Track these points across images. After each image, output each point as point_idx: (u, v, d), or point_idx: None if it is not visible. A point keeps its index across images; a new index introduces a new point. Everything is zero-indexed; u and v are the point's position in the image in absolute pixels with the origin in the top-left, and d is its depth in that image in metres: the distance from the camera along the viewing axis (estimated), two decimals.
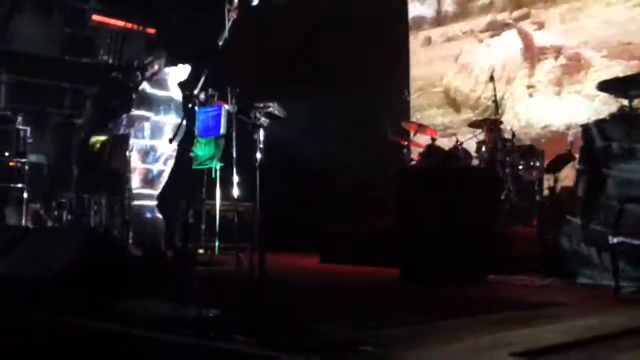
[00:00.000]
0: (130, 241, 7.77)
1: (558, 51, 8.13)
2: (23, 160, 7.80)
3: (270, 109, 4.43)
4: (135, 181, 7.78)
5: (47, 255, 3.97)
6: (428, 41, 9.63)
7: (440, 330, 2.36)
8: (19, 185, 7.57)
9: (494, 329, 2.34)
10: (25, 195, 7.60)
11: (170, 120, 7.71)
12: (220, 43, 4.83)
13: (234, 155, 5.97)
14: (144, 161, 7.97)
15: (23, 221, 7.05)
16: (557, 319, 2.76)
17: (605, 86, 5.88)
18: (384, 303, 3.81)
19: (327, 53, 9.62)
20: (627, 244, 4.37)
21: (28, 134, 7.91)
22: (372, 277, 5.72)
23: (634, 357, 2.11)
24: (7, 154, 8.12)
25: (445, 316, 2.75)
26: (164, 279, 4.83)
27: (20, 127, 7.85)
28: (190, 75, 7.21)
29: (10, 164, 7.94)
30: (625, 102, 5.37)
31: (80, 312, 2.64)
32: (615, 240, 4.33)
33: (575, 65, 7.96)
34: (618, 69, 7.40)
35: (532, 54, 8.41)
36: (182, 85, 6.70)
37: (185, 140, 4.93)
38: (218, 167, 6.68)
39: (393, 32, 9.67)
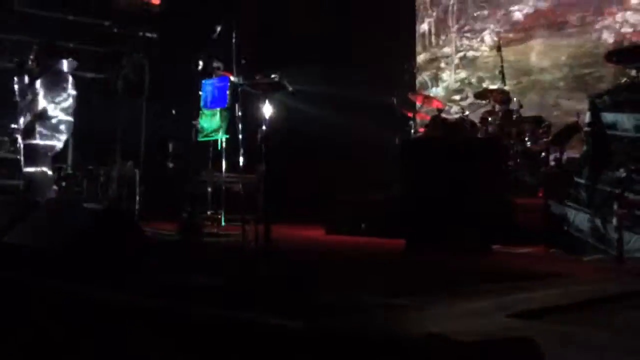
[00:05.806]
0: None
1: None
2: None
3: (277, 81, 4.42)
4: None
5: (56, 227, 4.01)
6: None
7: (439, 297, 2.39)
8: None
9: (492, 295, 2.37)
10: None
11: None
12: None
13: (240, 127, 5.98)
14: None
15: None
16: (556, 286, 2.78)
17: (613, 57, 5.81)
18: (387, 273, 3.85)
19: (331, 22, 9.56)
20: (633, 215, 4.37)
21: None
22: (377, 248, 5.74)
23: (628, 318, 2.14)
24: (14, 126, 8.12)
25: (446, 285, 2.78)
26: (171, 249, 4.89)
27: None
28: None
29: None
30: (633, 72, 5.33)
31: (87, 282, 2.68)
32: (620, 211, 4.33)
33: None
34: None
35: None
36: None
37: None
38: (224, 139, 6.70)
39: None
